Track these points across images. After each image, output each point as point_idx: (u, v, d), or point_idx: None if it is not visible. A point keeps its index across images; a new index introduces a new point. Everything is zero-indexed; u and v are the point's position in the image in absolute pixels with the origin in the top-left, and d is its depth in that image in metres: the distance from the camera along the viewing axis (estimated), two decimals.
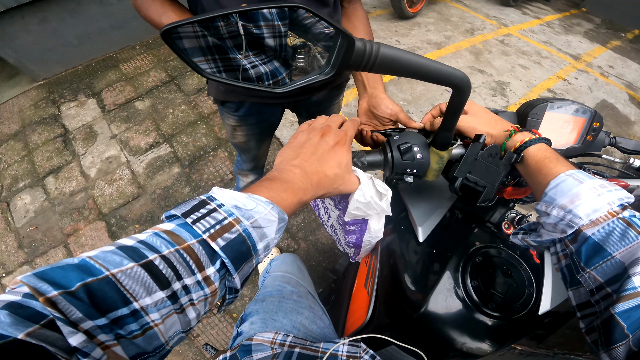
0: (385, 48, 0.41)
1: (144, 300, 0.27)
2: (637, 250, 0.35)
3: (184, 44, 0.53)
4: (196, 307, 0.33)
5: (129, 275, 0.27)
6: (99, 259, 0.27)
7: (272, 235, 0.38)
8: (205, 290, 0.32)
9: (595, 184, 0.41)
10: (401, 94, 2.90)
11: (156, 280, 0.29)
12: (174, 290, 0.30)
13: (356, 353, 0.62)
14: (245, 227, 0.35)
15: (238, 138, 1.19)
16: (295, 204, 0.43)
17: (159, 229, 0.33)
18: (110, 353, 0.25)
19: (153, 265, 0.29)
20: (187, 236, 0.32)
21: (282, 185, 0.43)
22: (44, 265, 0.26)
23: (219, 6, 0.71)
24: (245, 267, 0.36)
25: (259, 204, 0.37)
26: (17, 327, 0.21)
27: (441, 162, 0.57)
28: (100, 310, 0.25)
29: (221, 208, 0.35)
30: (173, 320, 0.31)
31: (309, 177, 0.46)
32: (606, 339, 0.34)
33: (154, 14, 0.72)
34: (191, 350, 1.59)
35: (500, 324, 0.58)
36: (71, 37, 2.72)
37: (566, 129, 0.68)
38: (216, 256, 0.33)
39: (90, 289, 0.25)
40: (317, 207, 0.85)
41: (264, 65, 0.73)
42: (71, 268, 0.25)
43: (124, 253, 0.29)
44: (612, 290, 0.36)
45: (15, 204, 2.08)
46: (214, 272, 0.33)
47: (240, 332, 0.72)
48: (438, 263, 0.64)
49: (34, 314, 0.22)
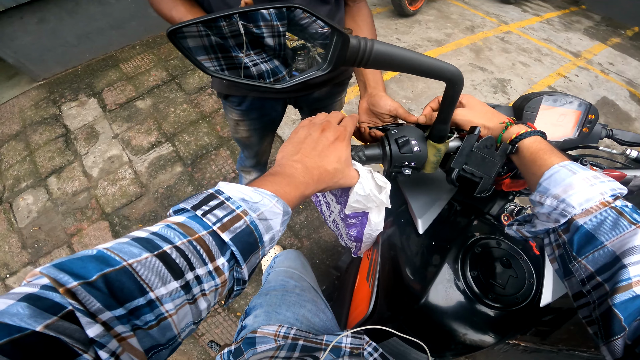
0: (379, 44, 0.42)
1: (159, 290, 0.28)
2: (629, 239, 0.35)
3: (189, 43, 0.55)
4: (207, 297, 0.33)
5: (145, 266, 0.28)
6: (115, 250, 0.28)
7: (277, 227, 0.39)
8: (216, 281, 0.33)
9: (588, 175, 0.42)
10: (402, 91, 2.90)
11: (170, 271, 0.29)
12: (187, 281, 0.31)
13: (359, 345, 0.63)
14: (253, 219, 0.36)
15: (241, 133, 1.21)
16: (297, 198, 0.44)
17: (169, 221, 0.34)
18: (126, 345, 0.26)
19: (167, 256, 0.30)
20: (198, 228, 0.33)
21: (285, 180, 0.44)
22: (62, 257, 0.26)
23: (225, 4, 0.73)
24: (253, 258, 0.37)
25: (264, 197, 0.38)
26: (35, 319, 0.21)
27: (438, 154, 0.58)
28: (119, 301, 0.25)
29: (229, 201, 0.36)
30: (185, 311, 0.31)
31: (310, 172, 0.47)
32: (605, 332, 0.34)
33: (165, 7, 0.75)
34: (196, 349, 1.60)
35: (501, 315, 0.59)
36: (70, 37, 2.73)
37: (562, 121, 0.69)
38: (226, 247, 0.34)
39: (109, 280, 0.25)
40: (319, 203, 0.86)
41: (265, 64, 0.75)
42: (89, 259, 0.26)
43: (139, 244, 0.29)
44: (602, 279, 0.37)
45: (18, 205, 2.09)
46: (224, 263, 0.34)
47: (244, 325, 0.73)
48: (438, 254, 0.65)
49: (53, 305, 0.22)
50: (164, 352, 0.30)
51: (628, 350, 0.31)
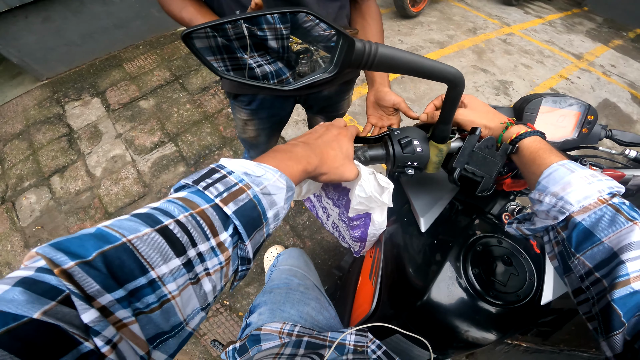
0: (383, 48, 0.44)
1: (160, 268, 0.27)
2: (626, 235, 0.36)
3: (198, 44, 0.56)
4: (212, 277, 0.33)
5: (145, 242, 0.27)
6: (114, 226, 0.27)
7: (281, 203, 0.39)
8: (219, 257, 0.33)
9: (586, 174, 0.43)
10: (405, 93, 2.91)
11: (172, 246, 0.28)
12: (189, 258, 0.30)
13: (363, 342, 0.63)
14: (256, 193, 0.35)
15: (248, 133, 1.22)
16: (300, 172, 0.44)
17: (171, 197, 0.33)
18: (127, 332, 0.24)
19: (168, 230, 0.29)
20: (200, 201, 0.32)
21: (287, 155, 0.45)
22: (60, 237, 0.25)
23: (235, 3, 0.75)
24: (257, 235, 0.36)
25: (267, 171, 0.38)
26: (32, 305, 0.20)
27: (440, 154, 0.60)
28: (118, 281, 0.24)
29: (231, 175, 0.35)
30: (189, 293, 0.31)
31: (312, 149, 0.49)
32: (605, 327, 0.35)
33: (175, 8, 0.76)
34: (198, 349, 1.60)
35: (502, 312, 0.60)
36: (74, 37, 2.74)
37: (562, 122, 0.70)
38: (229, 221, 0.33)
39: (108, 258, 0.24)
40: (313, 208, 0.87)
41: (269, 65, 0.76)
42: (87, 237, 0.25)
43: (139, 219, 0.29)
44: (600, 275, 0.37)
45: (21, 204, 2.09)
46: (227, 238, 0.33)
47: (249, 323, 0.74)
48: (440, 252, 0.66)
49: (49, 289, 0.21)
50: (171, 341, 0.29)
51: (628, 346, 0.32)
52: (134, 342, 0.25)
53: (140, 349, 0.26)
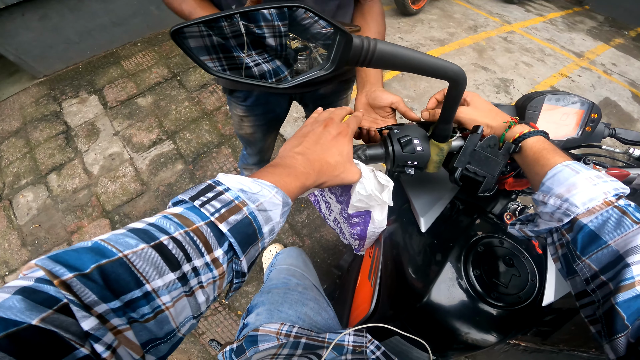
0: (382, 44, 0.42)
1: (155, 282, 0.28)
2: (632, 238, 0.35)
3: (192, 43, 0.55)
4: (205, 290, 0.33)
5: (141, 257, 0.28)
6: (111, 241, 0.28)
7: (276, 218, 0.39)
8: (213, 273, 0.33)
9: (591, 175, 0.42)
10: (405, 90, 2.90)
11: (167, 262, 0.29)
12: (184, 272, 0.30)
13: (362, 343, 0.63)
14: (252, 209, 0.36)
15: (245, 129, 1.21)
16: (298, 188, 0.44)
17: (167, 212, 0.34)
18: (122, 338, 0.25)
19: (164, 247, 0.29)
20: (196, 218, 0.33)
21: (285, 170, 0.44)
22: (58, 250, 0.26)
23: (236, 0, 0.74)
24: (252, 250, 0.37)
25: (263, 187, 0.38)
26: (31, 312, 0.21)
27: (441, 154, 0.58)
28: (114, 293, 0.25)
29: (227, 191, 0.36)
30: (183, 304, 0.31)
31: (311, 163, 0.47)
32: (608, 330, 0.34)
33: (175, 1, 0.75)
34: (196, 348, 1.60)
35: (504, 314, 0.59)
36: (72, 34, 2.72)
37: (565, 120, 0.68)
38: (224, 238, 0.34)
39: (104, 271, 0.25)
40: (317, 202, 0.86)
41: (267, 64, 0.75)
42: (85, 251, 0.26)
43: (135, 235, 0.29)
44: (606, 278, 0.37)
45: (18, 202, 2.08)
46: (222, 254, 0.33)
47: (246, 323, 0.73)
48: (440, 253, 0.65)
49: (48, 298, 0.22)
50: (163, 346, 0.30)
51: (631, 349, 0.32)
52: (129, 347, 0.26)
53: (135, 354, 0.27)
